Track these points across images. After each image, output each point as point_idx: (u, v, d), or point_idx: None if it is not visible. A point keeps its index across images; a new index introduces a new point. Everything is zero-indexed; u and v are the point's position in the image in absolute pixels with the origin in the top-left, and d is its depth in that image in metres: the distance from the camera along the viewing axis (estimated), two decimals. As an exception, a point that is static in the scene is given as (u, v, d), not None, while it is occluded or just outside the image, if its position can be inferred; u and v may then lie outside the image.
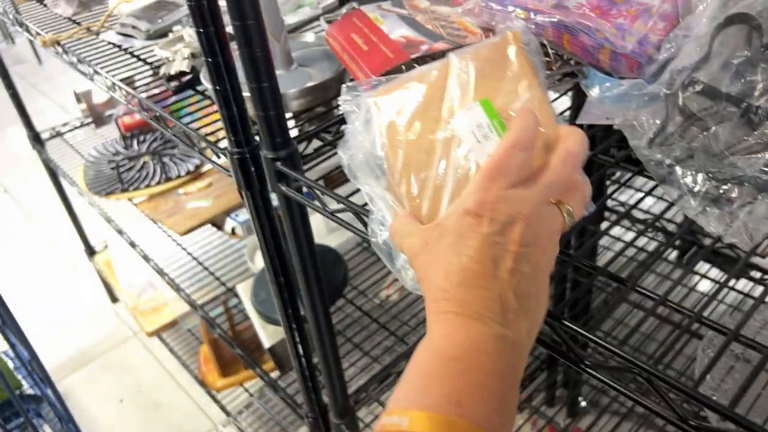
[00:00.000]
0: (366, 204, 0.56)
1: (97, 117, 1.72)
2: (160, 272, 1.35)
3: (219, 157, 0.73)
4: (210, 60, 0.61)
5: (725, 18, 0.53)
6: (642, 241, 1.27)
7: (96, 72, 0.92)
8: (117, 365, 1.86)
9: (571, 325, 0.42)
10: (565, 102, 0.86)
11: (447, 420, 0.32)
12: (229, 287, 1.39)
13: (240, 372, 1.50)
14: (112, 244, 1.83)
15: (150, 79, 0.90)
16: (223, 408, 1.49)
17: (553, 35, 0.65)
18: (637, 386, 0.43)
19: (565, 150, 0.40)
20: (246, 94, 0.65)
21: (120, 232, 1.45)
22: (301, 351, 0.86)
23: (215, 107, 0.79)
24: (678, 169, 0.52)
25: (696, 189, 0.50)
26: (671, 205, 0.56)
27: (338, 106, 0.80)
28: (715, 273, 1.32)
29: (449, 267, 0.37)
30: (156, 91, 0.85)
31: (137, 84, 0.90)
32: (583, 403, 1.50)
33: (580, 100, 0.82)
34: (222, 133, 0.91)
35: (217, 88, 0.63)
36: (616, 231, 1.37)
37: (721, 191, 0.49)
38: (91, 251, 1.93)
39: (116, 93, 0.88)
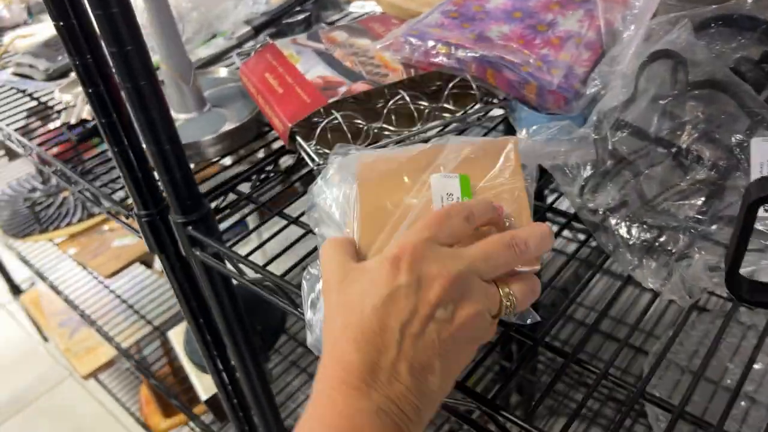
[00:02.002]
0: (285, 274, 0.52)
1: (9, 149, 1.60)
2: (88, 320, 1.27)
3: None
4: (104, 120, 0.55)
5: (649, 54, 0.50)
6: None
7: (-10, 120, 0.84)
8: (54, 409, 1.75)
9: (513, 418, 0.38)
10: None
11: None
12: (160, 327, 1.31)
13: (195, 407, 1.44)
14: (39, 281, 1.72)
15: (52, 127, 0.83)
16: (167, 451, 1.42)
17: (477, 70, 0.62)
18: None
19: (511, 233, 0.37)
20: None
21: (42, 276, 1.35)
22: (237, 405, 0.81)
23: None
24: (612, 219, 0.49)
25: (631, 241, 0.47)
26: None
27: (260, 149, 0.75)
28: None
29: (350, 317, 0.33)
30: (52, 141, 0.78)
31: (38, 132, 0.82)
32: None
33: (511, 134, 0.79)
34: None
35: (116, 149, 0.57)
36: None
37: (657, 243, 0.47)
38: (16, 290, 1.81)
39: (14, 145, 0.80)
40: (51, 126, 0.83)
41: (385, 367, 0.32)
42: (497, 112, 0.68)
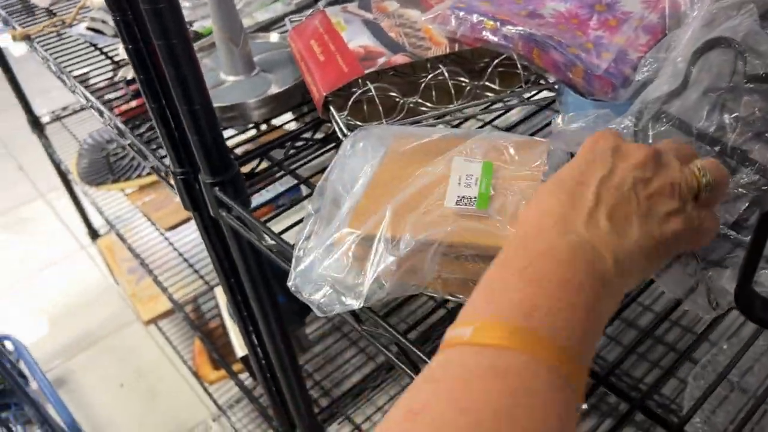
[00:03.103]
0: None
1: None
2: (147, 269, 1.33)
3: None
4: (142, 77, 0.56)
5: (704, 42, 0.46)
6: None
7: (62, 72, 0.88)
8: (120, 349, 1.86)
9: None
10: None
11: (513, 329, 0.28)
12: (210, 283, 1.36)
13: (234, 364, 1.49)
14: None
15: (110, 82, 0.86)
16: (214, 401, 1.48)
17: (523, 48, 0.59)
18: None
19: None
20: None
21: (111, 224, 1.43)
22: (266, 369, 0.82)
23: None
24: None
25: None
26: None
27: (303, 115, 0.75)
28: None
29: (549, 186, 0.35)
30: (114, 95, 0.81)
31: (100, 86, 0.86)
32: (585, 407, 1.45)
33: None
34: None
35: (153, 106, 0.58)
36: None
37: (686, 247, 0.43)
38: (95, 234, 1.92)
39: (79, 96, 0.84)
40: (114, 80, 0.87)
41: (582, 215, 0.32)
42: (548, 93, 0.65)
